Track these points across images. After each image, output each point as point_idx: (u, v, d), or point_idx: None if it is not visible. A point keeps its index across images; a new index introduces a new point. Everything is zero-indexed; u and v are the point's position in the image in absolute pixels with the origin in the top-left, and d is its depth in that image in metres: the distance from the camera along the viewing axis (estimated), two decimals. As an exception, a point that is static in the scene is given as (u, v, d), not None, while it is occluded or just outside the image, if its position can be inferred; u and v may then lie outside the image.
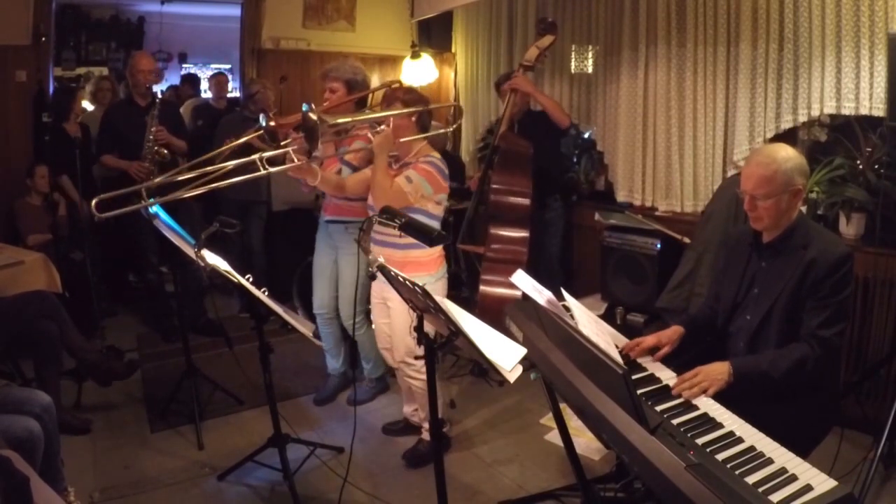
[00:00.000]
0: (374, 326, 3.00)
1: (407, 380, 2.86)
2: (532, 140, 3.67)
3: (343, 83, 3.07)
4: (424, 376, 2.70)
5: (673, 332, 2.16)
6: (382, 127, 2.62)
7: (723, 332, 2.19)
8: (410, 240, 2.56)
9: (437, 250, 2.73)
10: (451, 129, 3.58)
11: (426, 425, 2.88)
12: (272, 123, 2.94)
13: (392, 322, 2.78)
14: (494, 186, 3.61)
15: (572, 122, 4.11)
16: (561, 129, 3.78)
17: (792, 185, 1.96)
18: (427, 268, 2.71)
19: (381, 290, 2.79)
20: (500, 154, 3.69)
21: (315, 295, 3.32)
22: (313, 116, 2.27)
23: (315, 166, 2.67)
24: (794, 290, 1.95)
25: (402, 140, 2.67)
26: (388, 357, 2.95)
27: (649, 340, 2.11)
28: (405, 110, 2.66)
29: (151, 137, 3.83)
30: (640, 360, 2.07)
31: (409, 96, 2.75)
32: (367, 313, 3.53)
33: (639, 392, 1.72)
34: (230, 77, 5.97)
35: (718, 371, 1.85)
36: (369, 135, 2.68)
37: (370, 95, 3.42)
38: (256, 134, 2.90)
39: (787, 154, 1.97)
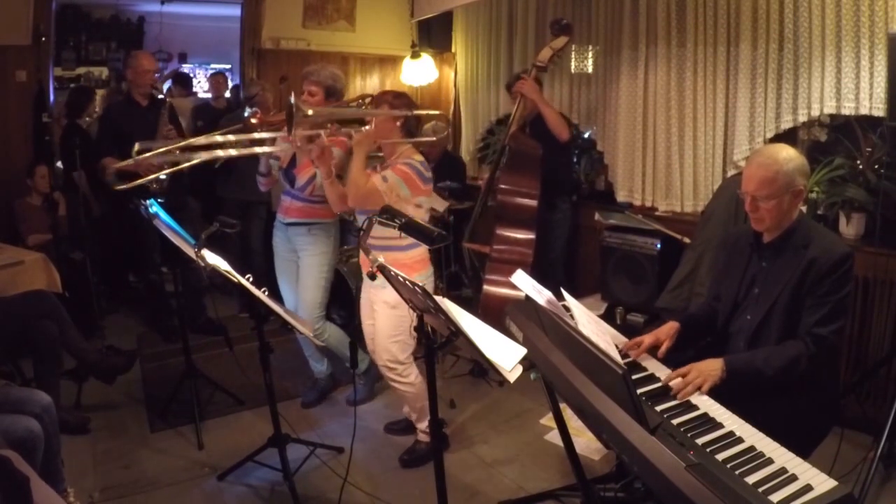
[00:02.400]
0: (363, 327, 2.97)
1: (391, 384, 2.86)
2: (543, 141, 3.65)
3: (322, 88, 3.00)
4: (406, 380, 2.76)
5: (669, 327, 2.16)
6: (366, 127, 2.66)
7: (723, 332, 2.19)
8: (392, 241, 2.60)
9: (420, 253, 2.74)
10: (442, 137, 3.66)
11: (419, 426, 2.89)
12: (254, 121, 2.95)
13: (376, 326, 2.77)
14: (502, 187, 3.59)
15: (572, 134, 4.06)
16: (559, 143, 3.71)
17: (793, 186, 1.96)
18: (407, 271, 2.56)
19: (369, 292, 2.80)
20: (508, 154, 3.67)
21: (284, 301, 3.26)
22: (292, 100, 2.42)
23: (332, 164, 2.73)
24: (794, 289, 1.95)
25: (386, 142, 2.71)
26: (373, 358, 2.93)
27: (648, 340, 2.11)
28: (384, 112, 2.68)
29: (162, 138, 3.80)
30: (640, 360, 2.07)
31: (398, 101, 2.74)
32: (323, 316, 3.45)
33: (639, 392, 1.72)
34: (230, 77, 5.97)
35: (711, 367, 1.85)
36: (348, 140, 2.69)
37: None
38: (236, 127, 2.90)
39: (788, 155, 1.97)
